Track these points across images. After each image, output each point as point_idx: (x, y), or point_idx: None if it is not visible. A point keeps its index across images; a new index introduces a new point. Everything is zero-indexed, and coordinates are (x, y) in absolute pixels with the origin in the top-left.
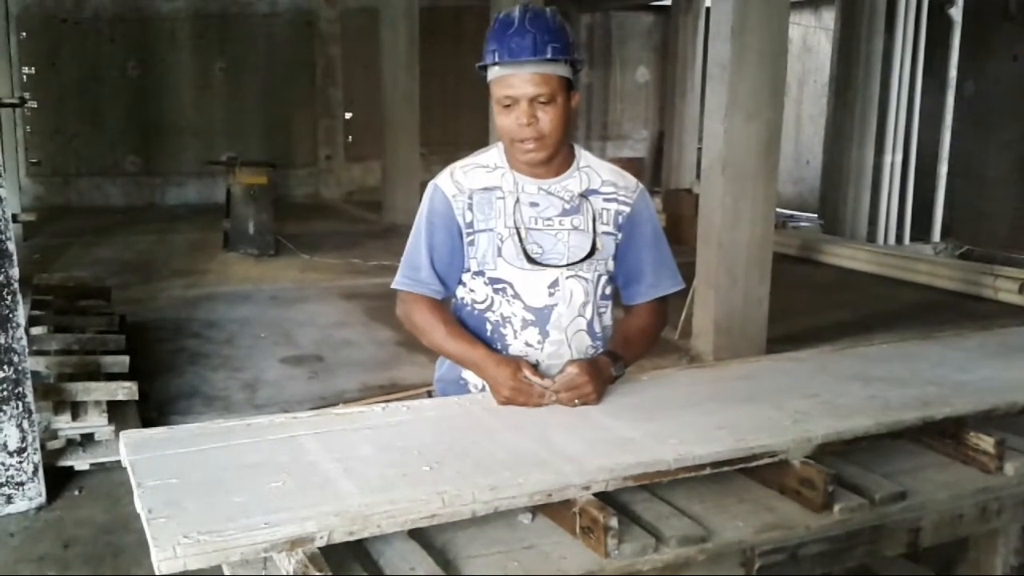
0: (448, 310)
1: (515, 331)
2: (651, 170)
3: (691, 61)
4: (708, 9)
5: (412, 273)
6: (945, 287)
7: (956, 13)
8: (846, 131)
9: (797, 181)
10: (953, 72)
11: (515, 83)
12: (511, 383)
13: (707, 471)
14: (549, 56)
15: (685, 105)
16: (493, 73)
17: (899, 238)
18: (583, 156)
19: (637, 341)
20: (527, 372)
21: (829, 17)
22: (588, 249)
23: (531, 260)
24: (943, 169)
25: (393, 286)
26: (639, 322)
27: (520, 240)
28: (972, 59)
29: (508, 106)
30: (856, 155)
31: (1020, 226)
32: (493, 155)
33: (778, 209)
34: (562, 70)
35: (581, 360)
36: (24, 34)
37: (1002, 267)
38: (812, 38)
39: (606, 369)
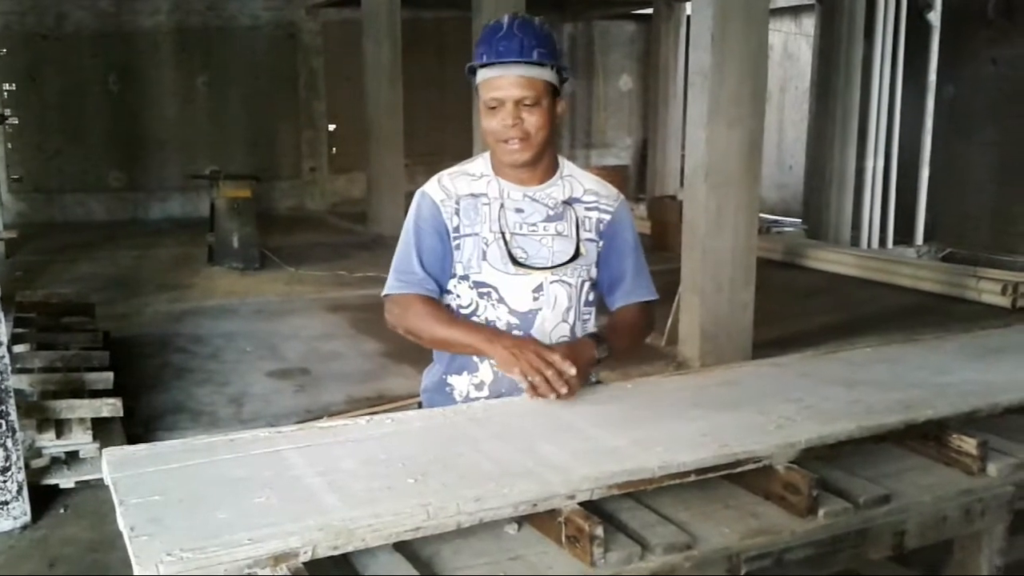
0: (442, 304)
1: None
2: (635, 177)
3: (673, 69)
4: (689, 17)
5: (404, 277)
6: (929, 290)
7: (935, 18)
8: (828, 136)
9: (780, 186)
10: (933, 76)
11: (502, 85)
12: (529, 353)
13: (692, 478)
14: (535, 59)
15: (668, 113)
16: (481, 76)
17: (882, 242)
18: (566, 166)
19: (622, 331)
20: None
21: (809, 24)
22: (572, 253)
23: (516, 263)
24: (925, 172)
25: (384, 293)
26: (625, 316)
27: (505, 244)
28: (951, 63)
29: (494, 108)
30: (838, 160)
31: (1002, 228)
32: (479, 164)
33: (762, 214)
34: (548, 75)
35: (561, 344)
36: (4, 51)
37: (985, 269)
38: (793, 44)
39: (588, 351)
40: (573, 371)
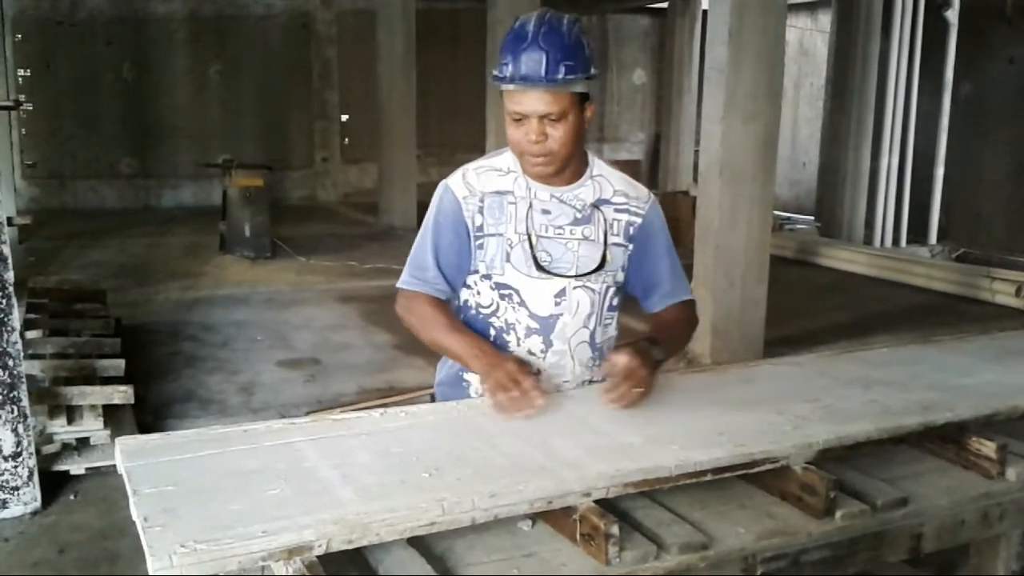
0: (449, 307)
1: (519, 338)
2: (648, 172)
3: (688, 63)
4: (705, 12)
5: (418, 273)
6: (942, 289)
7: (952, 15)
8: (843, 134)
9: (794, 183)
10: (949, 74)
11: (525, 100)
12: (502, 370)
13: (708, 477)
14: (561, 77)
15: (682, 107)
16: (505, 85)
17: (896, 240)
18: (596, 164)
19: (671, 328)
20: (521, 370)
21: (826, 20)
22: (598, 260)
23: (540, 268)
24: (939, 171)
25: (398, 285)
26: (669, 315)
27: (531, 247)
28: (968, 61)
29: (518, 120)
30: (853, 158)
31: (1017, 228)
32: (507, 159)
33: (775, 211)
34: (576, 86)
35: (626, 347)
36: (19, 36)
37: (999, 269)
38: (809, 41)
39: (650, 353)
40: (540, 402)
